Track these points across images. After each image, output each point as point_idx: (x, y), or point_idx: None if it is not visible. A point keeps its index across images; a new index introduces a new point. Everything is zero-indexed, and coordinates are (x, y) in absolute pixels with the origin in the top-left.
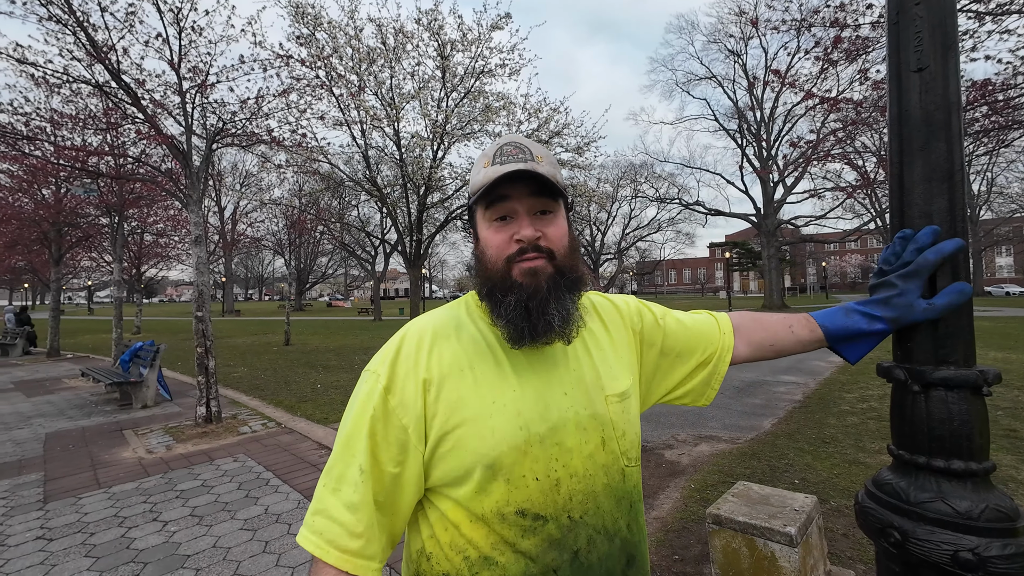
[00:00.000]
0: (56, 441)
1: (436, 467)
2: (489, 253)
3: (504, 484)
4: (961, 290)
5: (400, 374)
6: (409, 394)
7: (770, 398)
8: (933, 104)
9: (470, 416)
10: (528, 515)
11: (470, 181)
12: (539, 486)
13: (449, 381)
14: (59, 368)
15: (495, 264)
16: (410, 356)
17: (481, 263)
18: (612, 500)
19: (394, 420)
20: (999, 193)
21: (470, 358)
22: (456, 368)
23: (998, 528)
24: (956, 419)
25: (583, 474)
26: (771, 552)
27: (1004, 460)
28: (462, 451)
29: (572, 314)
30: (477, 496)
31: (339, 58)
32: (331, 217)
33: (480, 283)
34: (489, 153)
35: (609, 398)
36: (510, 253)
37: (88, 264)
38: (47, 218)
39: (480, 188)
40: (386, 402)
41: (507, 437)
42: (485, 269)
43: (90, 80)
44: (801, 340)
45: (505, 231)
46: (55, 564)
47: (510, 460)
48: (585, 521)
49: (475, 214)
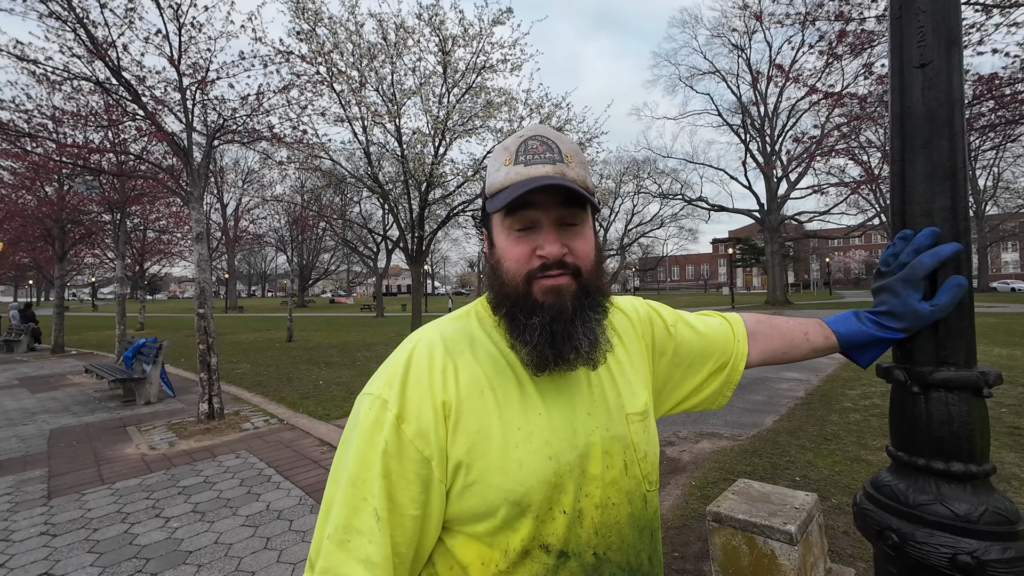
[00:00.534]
0: (60, 437)
1: (453, 504)
2: (507, 266)
3: (533, 520)
4: (959, 283)
5: (413, 398)
6: (427, 421)
7: (772, 395)
8: (936, 100)
9: (495, 446)
10: (552, 552)
11: (487, 176)
12: (565, 519)
13: (468, 404)
14: (63, 364)
15: (513, 280)
16: (422, 376)
17: (497, 275)
18: (635, 531)
19: (411, 453)
20: (1005, 188)
21: (489, 378)
22: (476, 389)
23: (998, 531)
24: (956, 421)
25: (607, 504)
26: (771, 550)
27: (1008, 458)
28: (485, 487)
29: (600, 337)
30: (502, 532)
31: (340, 54)
32: (333, 214)
33: (497, 299)
34: (511, 148)
35: (631, 417)
36: (531, 269)
37: (91, 261)
38: (50, 215)
39: (499, 191)
40: (400, 433)
41: (536, 470)
42: (502, 284)
43: (90, 77)
44: (815, 348)
45: (527, 243)
46: (59, 560)
47: (540, 496)
48: (609, 558)
49: (490, 216)
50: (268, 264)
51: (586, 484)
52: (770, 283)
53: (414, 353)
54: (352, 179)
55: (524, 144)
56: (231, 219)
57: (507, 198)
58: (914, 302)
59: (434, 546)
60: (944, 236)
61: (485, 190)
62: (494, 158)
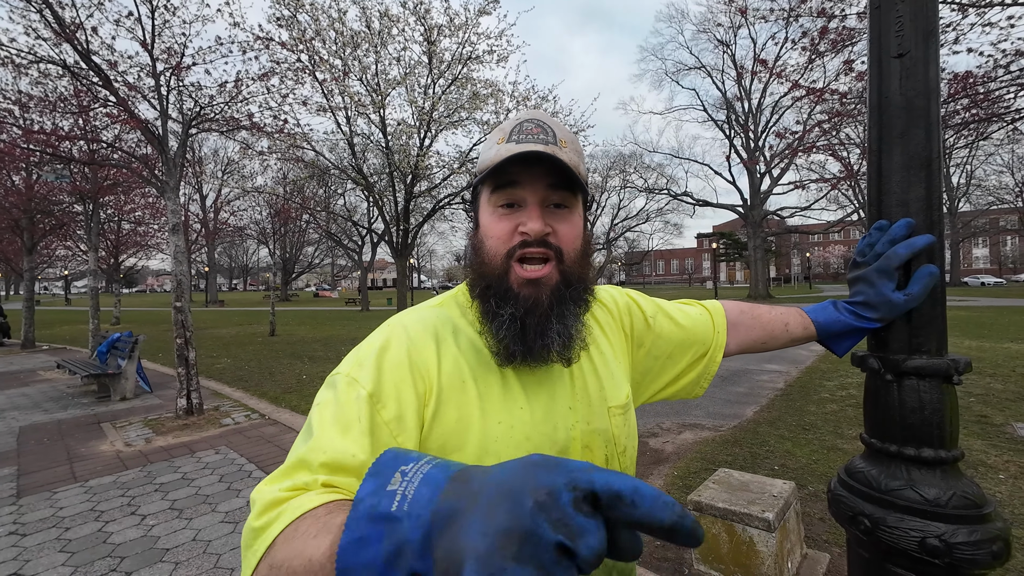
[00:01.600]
0: (30, 434)
1: None
2: (489, 244)
3: None
4: (930, 272)
5: (389, 381)
6: (406, 406)
7: (753, 386)
8: (913, 90)
9: (473, 439)
10: None
11: (479, 157)
12: None
13: (449, 393)
14: (34, 360)
15: (493, 258)
16: (401, 360)
17: (478, 253)
18: None
19: (384, 437)
20: (977, 186)
21: (471, 367)
22: (457, 379)
23: (965, 515)
24: (927, 407)
25: None
26: (749, 537)
27: (975, 445)
28: None
29: (575, 334)
30: None
31: (322, 41)
32: (316, 206)
33: (474, 278)
34: (506, 128)
35: (612, 410)
36: (512, 246)
37: (63, 253)
38: (18, 205)
39: (488, 167)
40: (374, 412)
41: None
42: (481, 262)
43: (58, 61)
44: (794, 337)
45: (510, 220)
46: (28, 560)
47: None
48: None
49: (479, 196)
50: (250, 257)
51: None
52: (752, 277)
53: (392, 336)
54: (336, 171)
55: (520, 125)
56: (210, 210)
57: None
58: (888, 292)
59: None
60: (919, 226)
61: (476, 171)
62: (489, 139)
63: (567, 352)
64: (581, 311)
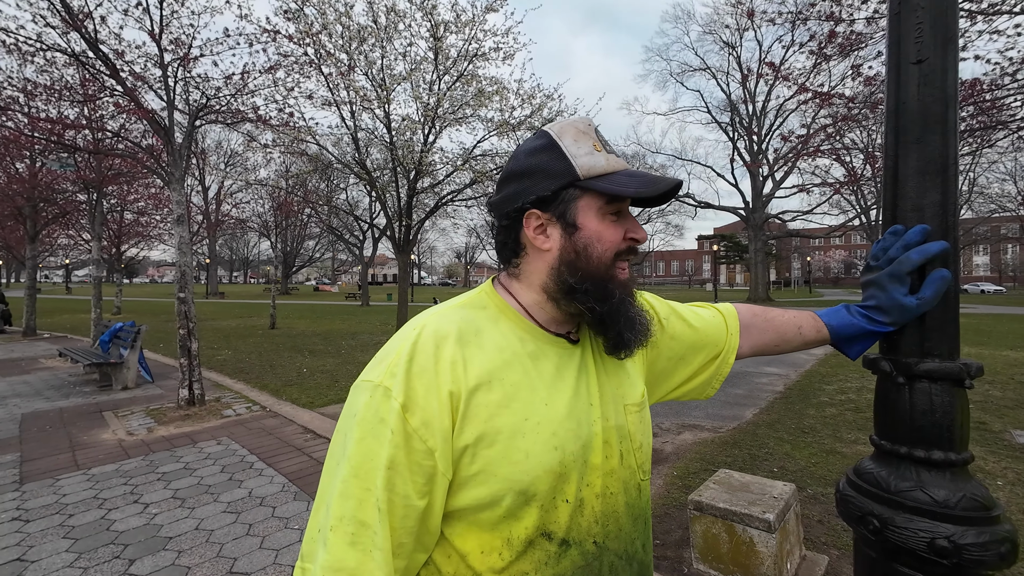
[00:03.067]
0: (33, 422)
1: (456, 494)
2: (601, 249)
3: (537, 509)
4: (942, 276)
5: (419, 387)
6: (433, 411)
7: (753, 389)
8: (931, 96)
9: (502, 437)
10: (555, 540)
11: (575, 155)
12: (568, 508)
13: (477, 395)
14: (35, 348)
15: (605, 261)
16: (428, 365)
17: (586, 257)
18: (631, 519)
19: (416, 444)
20: (980, 193)
21: (498, 367)
22: (484, 379)
23: (974, 516)
24: (938, 411)
25: (606, 493)
26: (750, 537)
27: (973, 451)
28: (490, 477)
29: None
30: (505, 521)
31: (328, 35)
32: (319, 200)
33: (579, 279)
34: (588, 133)
35: (628, 407)
36: (621, 250)
37: (66, 242)
38: (21, 193)
39: (602, 174)
40: (405, 422)
41: (543, 461)
42: (590, 264)
43: (65, 49)
44: (807, 340)
45: (620, 227)
46: (32, 545)
47: (545, 486)
48: (607, 546)
49: (568, 200)
50: (251, 250)
51: (588, 474)
52: (752, 280)
53: (419, 341)
54: (339, 165)
55: (596, 132)
56: (213, 202)
57: (644, 187)
58: (900, 296)
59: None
60: (934, 232)
61: (575, 170)
62: (574, 140)
63: (645, 338)
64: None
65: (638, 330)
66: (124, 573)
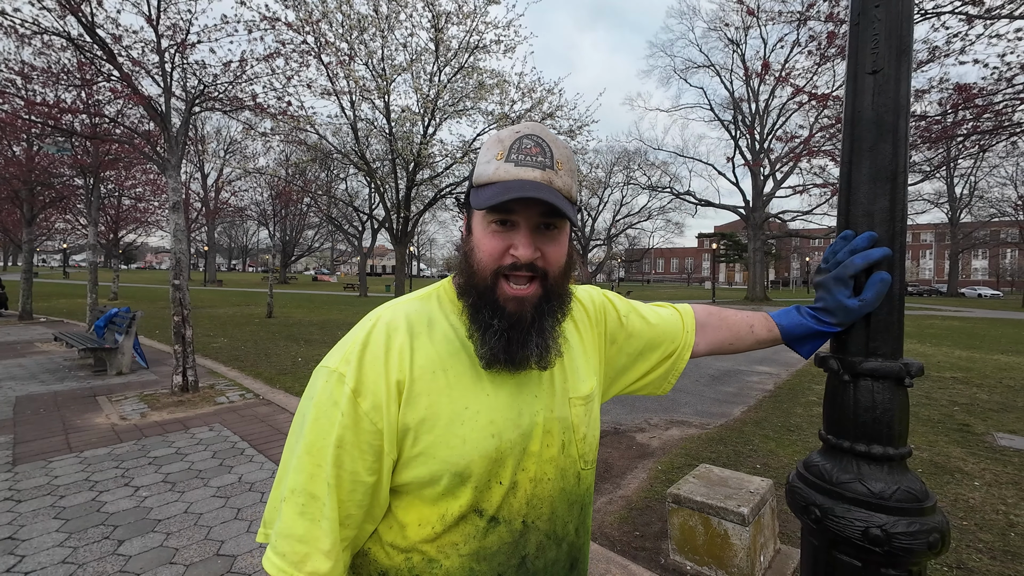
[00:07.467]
0: (27, 404)
1: (401, 472)
2: (479, 257)
3: (472, 489)
4: (882, 279)
5: (370, 374)
6: (381, 396)
7: (742, 387)
8: (884, 106)
9: (442, 423)
10: (484, 516)
11: (477, 162)
12: (501, 490)
13: (421, 383)
14: (31, 332)
15: (483, 271)
16: (379, 354)
17: (469, 264)
18: (565, 504)
19: (366, 425)
20: (980, 197)
21: (443, 359)
22: (429, 370)
23: (907, 508)
24: (879, 407)
25: (541, 478)
26: (724, 530)
27: (954, 452)
28: (430, 459)
29: (552, 344)
30: (443, 498)
31: (329, 24)
32: (318, 189)
33: (464, 286)
34: (505, 141)
35: (573, 400)
36: (501, 266)
37: (63, 226)
38: (18, 176)
39: (486, 184)
40: (355, 406)
41: (479, 446)
42: (472, 273)
43: (62, 33)
44: (760, 339)
45: (501, 239)
46: (23, 525)
47: (480, 469)
48: (537, 526)
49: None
50: (249, 238)
51: (524, 460)
52: (751, 279)
53: (373, 331)
54: (338, 155)
55: (519, 141)
56: (211, 190)
57: (491, 199)
58: (844, 298)
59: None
60: (881, 237)
61: (473, 176)
62: (487, 147)
63: (544, 361)
64: (560, 320)
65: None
66: (113, 553)
